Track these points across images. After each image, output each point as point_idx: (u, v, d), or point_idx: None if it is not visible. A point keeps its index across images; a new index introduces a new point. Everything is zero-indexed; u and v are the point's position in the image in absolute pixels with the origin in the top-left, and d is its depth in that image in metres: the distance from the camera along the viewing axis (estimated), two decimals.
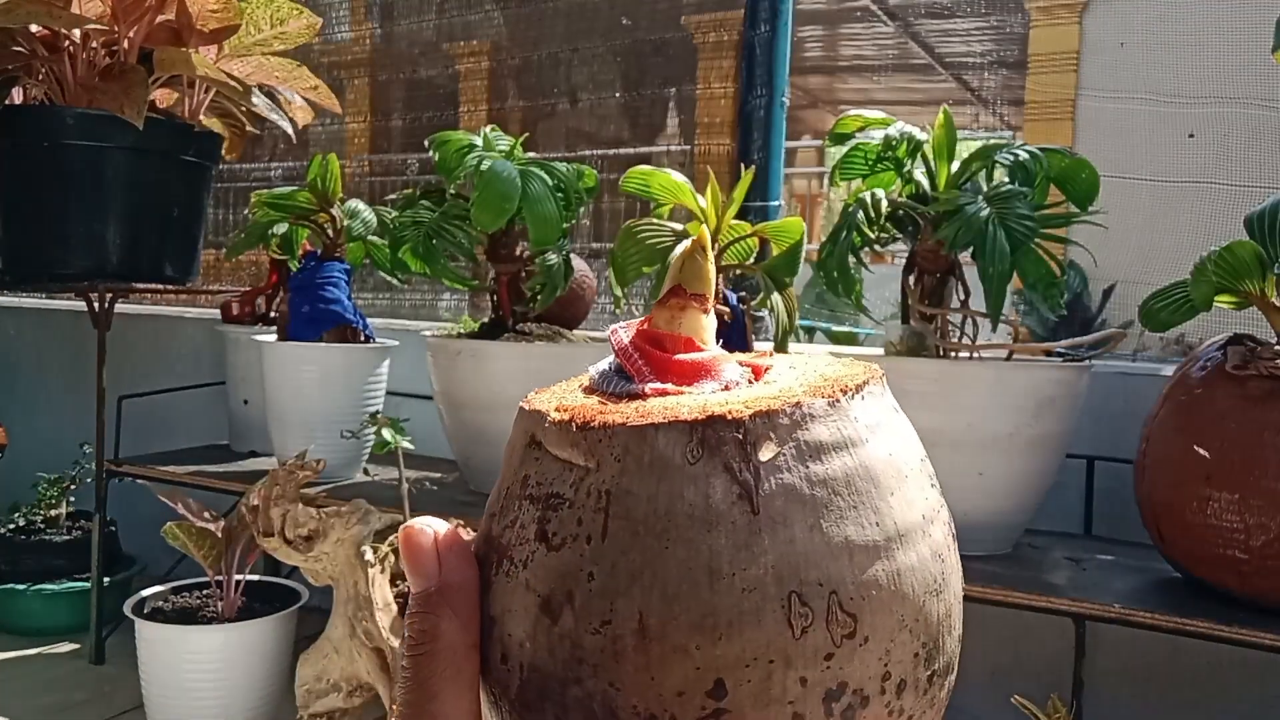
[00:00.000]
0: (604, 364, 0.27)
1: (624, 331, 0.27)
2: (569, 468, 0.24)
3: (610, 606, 0.23)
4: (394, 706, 0.24)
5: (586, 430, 0.24)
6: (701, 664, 0.22)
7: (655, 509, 0.23)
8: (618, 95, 2.60)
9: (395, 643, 1.09)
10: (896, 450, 0.25)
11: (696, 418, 0.23)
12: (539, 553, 0.24)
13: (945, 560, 0.25)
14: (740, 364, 0.27)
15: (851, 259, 1.09)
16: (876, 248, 1.16)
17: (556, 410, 0.25)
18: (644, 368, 0.26)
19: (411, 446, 1.22)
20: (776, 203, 1.62)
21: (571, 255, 1.36)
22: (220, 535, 1.37)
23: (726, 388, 0.26)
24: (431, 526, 0.26)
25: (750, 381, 0.27)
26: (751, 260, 1.24)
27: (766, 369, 0.27)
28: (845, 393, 0.24)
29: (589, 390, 0.27)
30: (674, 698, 0.22)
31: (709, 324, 0.27)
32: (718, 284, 1.20)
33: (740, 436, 0.23)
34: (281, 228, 1.56)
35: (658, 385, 0.26)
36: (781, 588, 0.22)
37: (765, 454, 0.23)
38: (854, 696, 0.23)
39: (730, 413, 0.23)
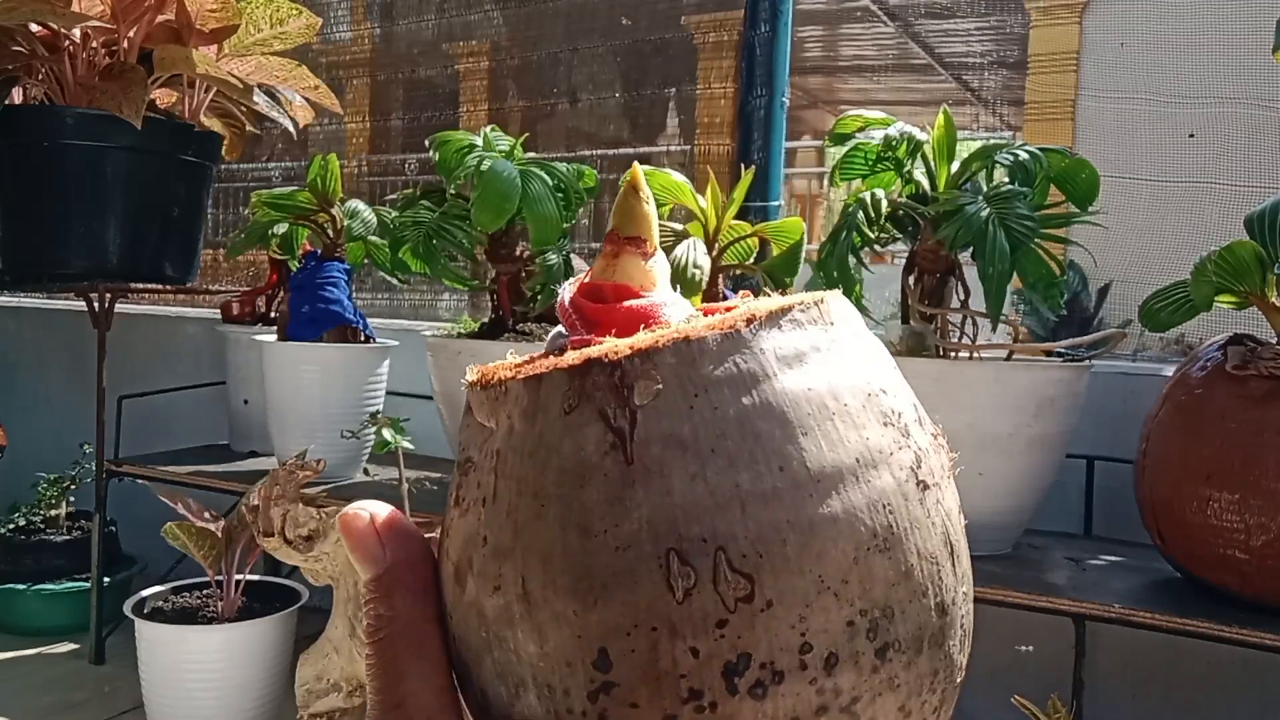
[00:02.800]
0: (560, 326, 0.26)
1: (570, 288, 0.25)
2: (481, 430, 0.23)
3: (499, 571, 0.21)
4: (367, 694, 0.24)
5: (487, 389, 0.22)
6: (582, 632, 0.20)
7: (534, 465, 0.21)
8: (618, 95, 2.60)
9: None
10: (823, 383, 0.21)
11: (574, 364, 0.21)
12: (454, 519, 0.23)
13: (899, 511, 0.21)
14: (699, 310, 0.25)
15: (851, 259, 1.09)
16: (876, 248, 1.16)
17: (473, 371, 0.24)
18: (577, 321, 0.24)
19: (411, 446, 1.22)
20: (776, 203, 1.62)
21: (571, 255, 1.36)
22: (220, 535, 1.37)
23: None
24: (367, 509, 0.25)
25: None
26: (751, 260, 1.24)
27: (726, 310, 0.24)
28: (752, 322, 0.21)
29: (544, 355, 0.24)
30: (564, 668, 0.20)
31: (653, 268, 0.25)
32: (718, 282, 1.20)
33: (616, 380, 0.20)
34: (281, 228, 1.56)
35: (579, 337, 0.24)
36: (658, 545, 0.20)
37: (642, 397, 0.20)
38: (763, 671, 0.20)
39: (607, 355, 0.21)
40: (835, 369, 0.22)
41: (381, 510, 0.25)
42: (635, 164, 0.26)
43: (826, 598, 0.20)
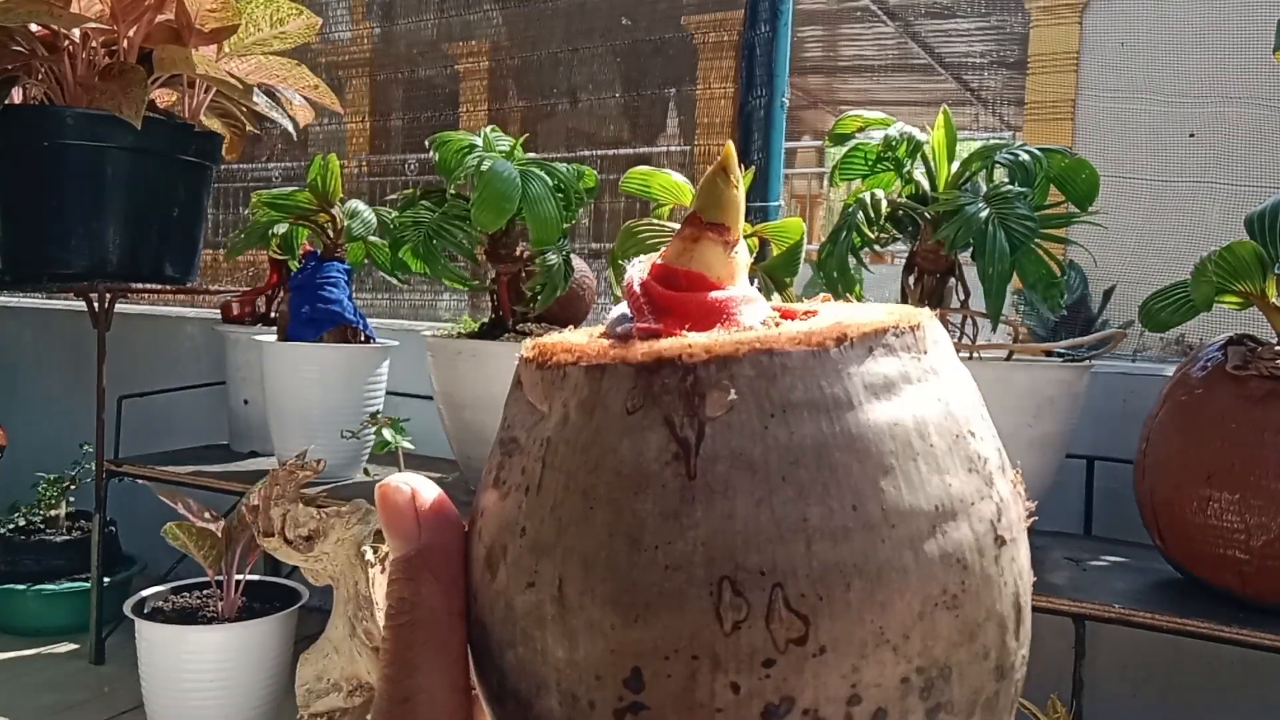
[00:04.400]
0: (624, 304, 0.24)
1: (639, 267, 0.24)
2: (532, 410, 0.21)
3: (535, 567, 0.20)
4: (376, 682, 0.22)
5: (544, 369, 0.21)
6: (617, 647, 0.19)
7: (586, 462, 0.20)
8: (618, 95, 2.60)
9: None
10: (911, 419, 0.20)
11: (642, 360, 0.19)
12: (492, 500, 0.22)
13: (973, 568, 0.20)
14: (777, 310, 0.23)
15: (851, 259, 1.09)
16: (876, 248, 1.16)
17: (530, 347, 0.22)
18: (645, 306, 0.23)
19: (411, 446, 1.22)
20: (776, 203, 1.62)
21: (571, 255, 1.36)
22: (220, 535, 1.37)
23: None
24: (409, 484, 0.23)
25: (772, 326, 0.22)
26: (751, 260, 1.24)
27: (805, 315, 0.23)
28: (843, 341, 0.20)
29: (604, 334, 0.23)
30: (592, 680, 0.19)
31: (734, 260, 0.23)
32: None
33: (687, 386, 0.19)
34: (281, 228, 1.56)
35: (647, 325, 0.22)
36: (712, 570, 0.18)
37: (714, 408, 0.19)
38: (805, 718, 0.18)
39: (681, 356, 0.19)
40: (925, 404, 0.20)
41: (424, 487, 0.23)
42: (729, 144, 0.24)
43: (884, 651, 0.19)
